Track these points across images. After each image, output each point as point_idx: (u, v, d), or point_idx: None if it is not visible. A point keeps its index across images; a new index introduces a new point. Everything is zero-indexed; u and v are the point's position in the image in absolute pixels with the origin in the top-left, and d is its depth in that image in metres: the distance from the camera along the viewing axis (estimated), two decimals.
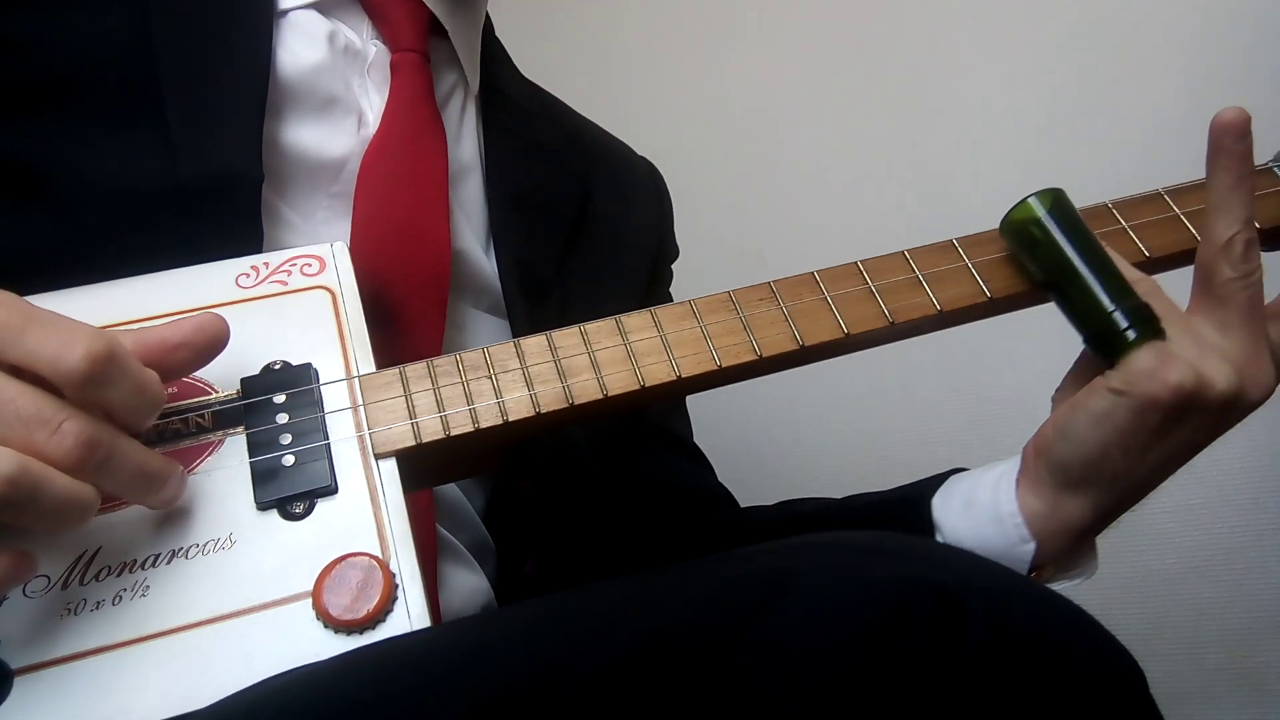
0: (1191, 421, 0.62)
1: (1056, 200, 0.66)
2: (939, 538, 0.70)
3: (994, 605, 0.46)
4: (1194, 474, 0.69)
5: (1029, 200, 0.66)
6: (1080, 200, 0.70)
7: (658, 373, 0.62)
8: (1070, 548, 0.67)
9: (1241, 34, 1.31)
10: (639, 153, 1.05)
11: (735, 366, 0.63)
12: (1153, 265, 0.70)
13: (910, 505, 0.72)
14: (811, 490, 0.89)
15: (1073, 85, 1.40)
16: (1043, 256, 0.66)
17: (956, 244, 0.69)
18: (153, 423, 0.52)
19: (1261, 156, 0.75)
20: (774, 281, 0.66)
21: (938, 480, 0.73)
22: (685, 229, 1.05)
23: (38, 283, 0.57)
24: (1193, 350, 0.62)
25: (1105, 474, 0.64)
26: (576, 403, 0.61)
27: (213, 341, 0.55)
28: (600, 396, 0.61)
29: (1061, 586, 0.69)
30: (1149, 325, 0.62)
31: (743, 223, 1.58)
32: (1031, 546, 0.66)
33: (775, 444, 1.03)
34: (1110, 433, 0.62)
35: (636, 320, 0.64)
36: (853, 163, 1.53)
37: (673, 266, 1.04)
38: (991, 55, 1.46)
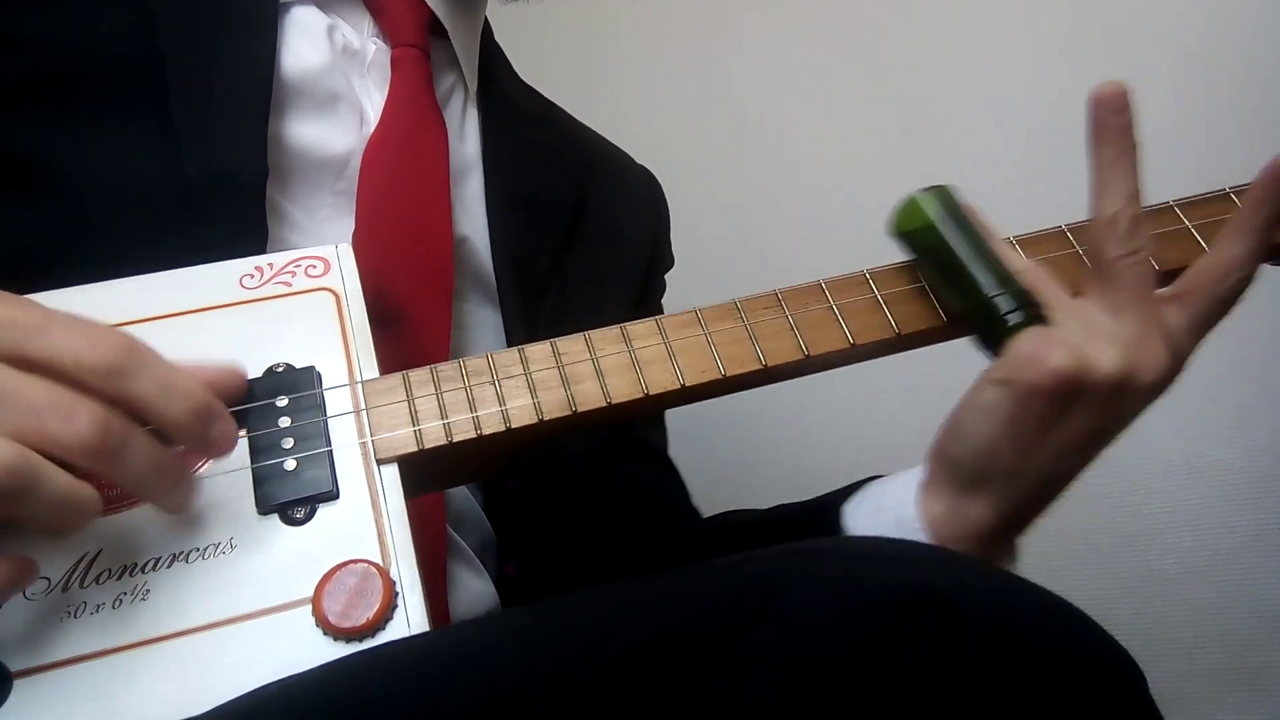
0: (1081, 409, 0.60)
1: (941, 195, 0.66)
2: None
3: (991, 609, 0.46)
4: (1194, 474, 0.69)
5: (913, 196, 0.66)
6: (1084, 205, 0.70)
7: (662, 381, 0.62)
8: (977, 553, 0.65)
9: (1241, 34, 1.30)
10: (639, 156, 1.04)
11: (740, 376, 0.63)
12: (1162, 279, 0.68)
13: (822, 513, 0.72)
14: (810, 491, 0.89)
15: (1075, 86, 1.39)
16: (925, 249, 0.65)
17: None
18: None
19: (1257, 165, 0.74)
20: (780, 290, 0.66)
21: (854, 487, 0.72)
22: (686, 231, 1.04)
23: (42, 279, 0.57)
24: (1079, 333, 0.60)
25: (999, 470, 0.62)
26: (580, 410, 0.61)
27: (229, 395, 0.55)
28: (604, 404, 0.61)
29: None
30: (1030, 310, 0.61)
31: (743, 224, 1.58)
32: None
33: (774, 445, 1.03)
34: (996, 425, 0.60)
35: (641, 328, 0.64)
36: (854, 164, 1.53)
37: (674, 269, 1.03)
38: (993, 57, 1.46)
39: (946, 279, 0.64)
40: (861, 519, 0.69)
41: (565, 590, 0.52)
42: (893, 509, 0.66)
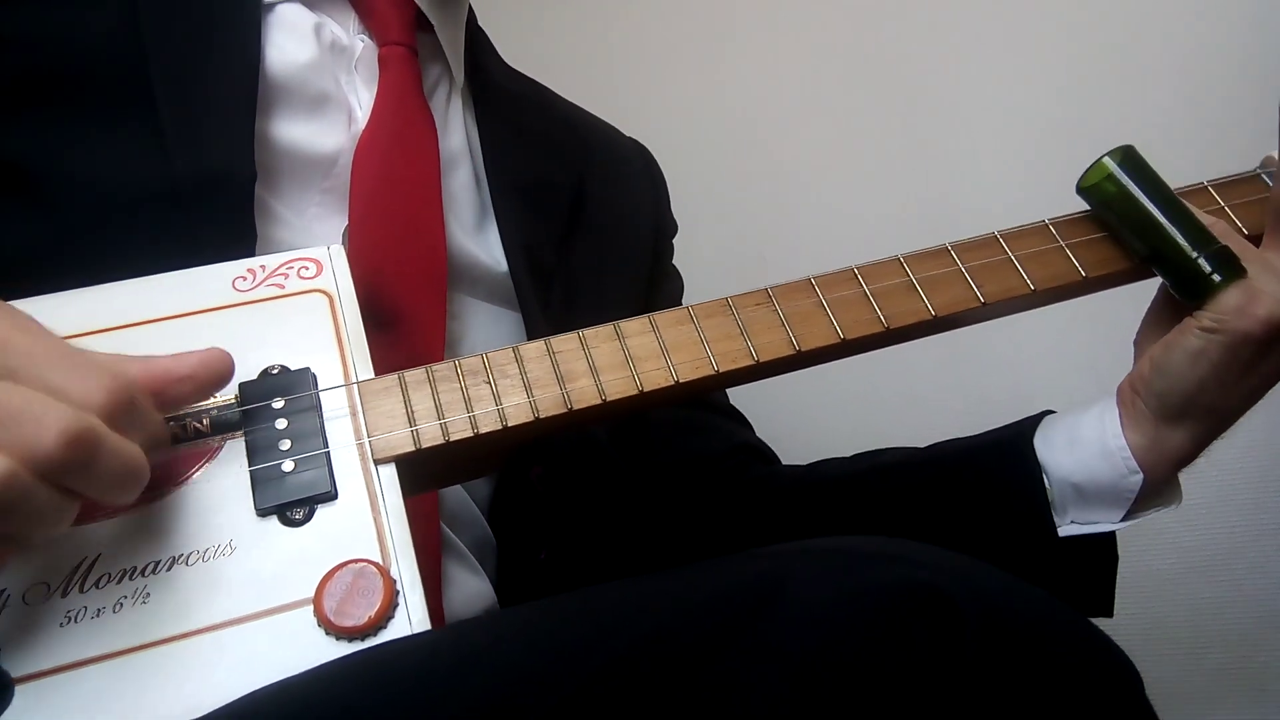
0: (1278, 351, 0.67)
1: (1128, 156, 0.70)
2: (1046, 478, 0.73)
3: (989, 608, 0.46)
4: (1194, 474, 0.70)
5: (1102, 159, 0.70)
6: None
7: (656, 377, 0.63)
8: (1167, 478, 0.71)
9: (1241, 34, 1.31)
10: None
11: (732, 371, 0.64)
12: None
13: (1010, 447, 0.75)
14: None
15: (1073, 86, 1.40)
16: (1121, 209, 0.70)
17: (951, 248, 0.69)
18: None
19: (1254, 160, 0.75)
20: (771, 287, 0.66)
21: (1031, 422, 0.76)
22: (684, 231, 1.05)
23: (31, 283, 0.57)
24: (1274, 284, 0.66)
25: (1202, 405, 0.68)
26: (575, 408, 0.61)
27: (217, 378, 0.55)
28: (599, 401, 0.61)
29: (1151, 515, 0.72)
30: (1231, 266, 0.67)
31: (741, 223, 1.58)
32: (1140, 477, 0.69)
33: (773, 444, 1.03)
34: (1205, 367, 0.67)
35: (634, 325, 0.64)
36: (852, 163, 1.53)
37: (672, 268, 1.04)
38: (992, 56, 1.46)
39: (1140, 235, 0.69)
40: (1059, 453, 0.73)
41: (604, 568, 0.52)
42: (1094, 441, 0.71)
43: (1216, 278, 0.66)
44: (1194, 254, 0.67)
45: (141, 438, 0.49)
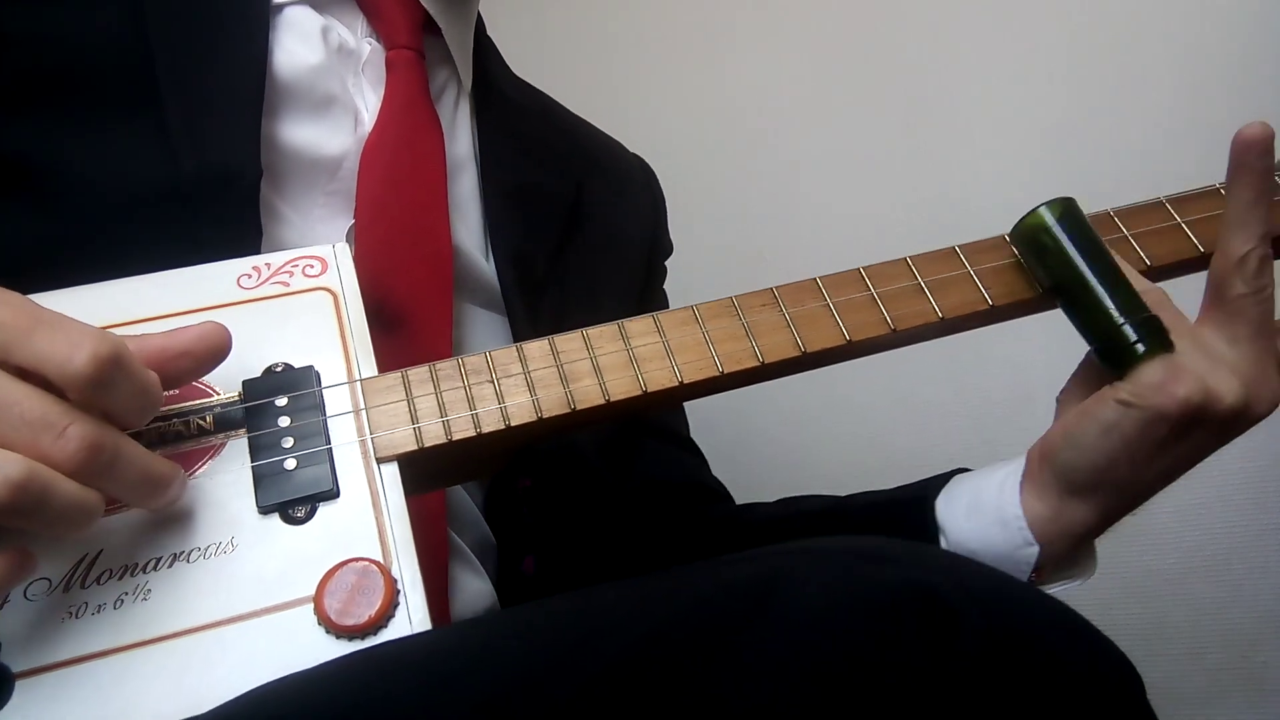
0: (1197, 433, 0.63)
1: (1067, 209, 0.66)
2: (942, 540, 0.71)
3: (987, 610, 0.46)
4: (1194, 474, 0.70)
5: (1040, 209, 0.66)
6: (1085, 204, 0.70)
7: (660, 378, 0.62)
8: (1071, 550, 0.68)
9: (1241, 34, 1.31)
10: (638, 151, 1.05)
11: (737, 373, 0.63)
12: (1154, 274, 0.70)
13: (913, 506, 0.73)
14: (811, 490, 0.89)
15: (1075, 87, 1.40)
16: (1053, 265, 0.66)
17: (959, 251, 0.69)
18: (147, 423, 0.53)
19: None
20: (776, 287, 0.66)
21: (941, 481, 0.74)
22: (684, 229, 1.05)
23: (37, 280, 0.57)
24: (1202, 363, 0.63)
25: (1110, 482, 0.65)
26: (578, 408, 0.61)
27: (215, 351, 0.55)
28: (602, 402, 0.61)
29: (1059, 588, 0.70)
30: (1158, 338, 0.63)
31: (742, 223, 1.58)
32: (1035, 550, 0.67)
33: (775, 444, 1.04)
34: (1117, 443, 0.63)
35: (639, 325, 0.64)
36: (853, 162, 1.53)
37: (671, 265, 1.04)
38: (995, 57, 1.46)
39: (1069, 293, 0.66)
40: (959, 517, 0.71)
41: (588, 582, 0.52)
42: (992, 509, 0.69)
43: (1140, 348, 0.62)
44: (1120, 320, 0.63)
45: (133, 399, 0.50)
